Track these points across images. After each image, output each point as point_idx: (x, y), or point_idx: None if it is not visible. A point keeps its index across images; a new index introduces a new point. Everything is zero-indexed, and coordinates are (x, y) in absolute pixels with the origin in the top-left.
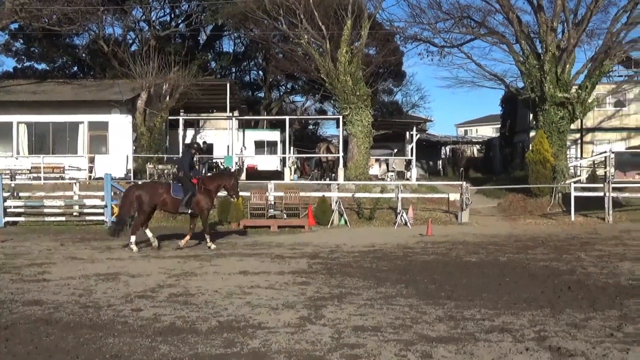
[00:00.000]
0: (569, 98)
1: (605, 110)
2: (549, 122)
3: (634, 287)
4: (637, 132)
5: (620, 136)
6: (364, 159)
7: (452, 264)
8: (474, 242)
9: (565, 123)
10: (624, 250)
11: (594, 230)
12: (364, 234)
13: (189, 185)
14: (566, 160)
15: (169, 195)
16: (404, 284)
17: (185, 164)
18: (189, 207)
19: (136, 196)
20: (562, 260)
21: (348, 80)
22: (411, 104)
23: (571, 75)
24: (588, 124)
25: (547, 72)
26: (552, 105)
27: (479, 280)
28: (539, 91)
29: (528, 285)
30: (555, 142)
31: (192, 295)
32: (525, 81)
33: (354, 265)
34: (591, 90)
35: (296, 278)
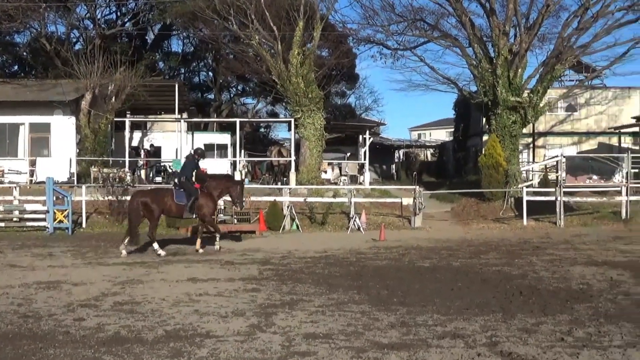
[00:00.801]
0: (521, 102)
1: (557, 114)
2: (501, 126)
3: (584, 291)
4: (587, 137)
5: (571, 140)
6: (316, 162)
7: (404, 269)
8: (427, 247)
9: (517, 127)
10: (575, 254)
11: (545, 235)
12: (316, 239)
13: (192, 190)
14: (518, 164)
15: (173, 202)
16: (356, 290)
17: (187, 170)
18: (193, 212)
19: (142, 203)
20: (514, 264)
21: (300, 82)
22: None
23: (523, 79)
24: (540, 128)
25: (500, 76)
26: (505, 110)
27: (432, 286)
28: (491, 95)
29: (480, 290)
30: (507, 146)
31: (137, 304)
32: (478, 85)
33: (305, 272)
34: (543, 95)
35: (246, 285)
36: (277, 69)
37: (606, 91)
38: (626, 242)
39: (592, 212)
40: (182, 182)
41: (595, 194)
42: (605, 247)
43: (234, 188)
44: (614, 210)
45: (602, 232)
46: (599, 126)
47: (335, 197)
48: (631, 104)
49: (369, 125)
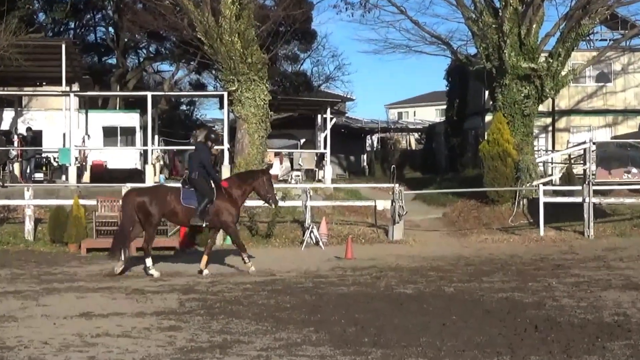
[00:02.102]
0: (537, 69)
1: (585, 86)
2: (510, 102)
3: (620, 324)
4: (625, 116)
5: (604, 121)
6: (258, 152)
7: (379, 298)
8: (410, 267)
9: (531, 103)
10: (608, 275)
11: (569, 249)
12: (259, 258)
13: (206, 190)
14: (533, 153)
15: (178, 203)
16: (314, 326)
17: (205, 161)
18: (204, 218)
19: (138, 204)
20: (527, 290)
21: (236, 41)
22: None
23: (539, 38)
24: (562, 105)
25: (508, 33)
26: (515, 79)
27: (417, 320)
28: (496, 60)
29: (482, 324)
30: (518, 130)
31: (9, 349)
32: (478, 46)
33: (244, 302)
34: (565, 59)
35: (162, 321)
36: (203, 23)
37: None
38: None
39: (631, 218)
40: (193, 180)
41: (636, 193)
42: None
43: (259, 180)
44: None
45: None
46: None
47: (285, 200)
48: None
49: (331, 101)
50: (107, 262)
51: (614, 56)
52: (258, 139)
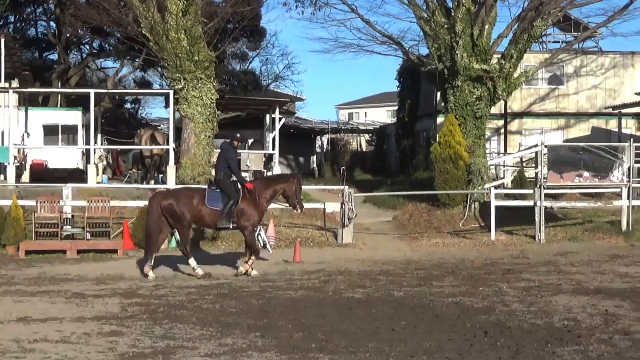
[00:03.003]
0: (489, 71)
1: (537, 88)
2: (462, 104)
3: (570, 329)
4: (577, 119)
5: (556, 124)
6: (204, 153)
7: (328, 303)
8: (359, 271)
9: (483, 105)
10: (559, 279)
11: (520, 253)
12: (205, 261)
13: (231, 191)
14: (485, 156)
15: (204, 206)
16: (260, 331)
17: (232, 161)
18: (231, 220)
19: (164, 207)
20: (477, 294)
21: (182, 38)
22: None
23: (491, 39)
24: (514, 107)
25: (460, 34)
26: (467, 81)
27: (365, 325)
28: (448, 61)
29: (431, 330)
30: (470, 132)
31: None
32: (430, 47)
33: (188, 307)
34: (518, 61)
35: (103, 326)
36: (149, 18)
37: (602, 57)
38: (627, 262)
39: (582, 222)
40: (220, 181)
41: (588, 197)
42: (600, 269)
43: (290, 185)
44: (611, 220)
45: (596, 249)
46: (592, 105)
47: None
48: (635, 74)
49: (280, 100)
50: (46, 265)
51: (567, 58)
52: (205, 139)
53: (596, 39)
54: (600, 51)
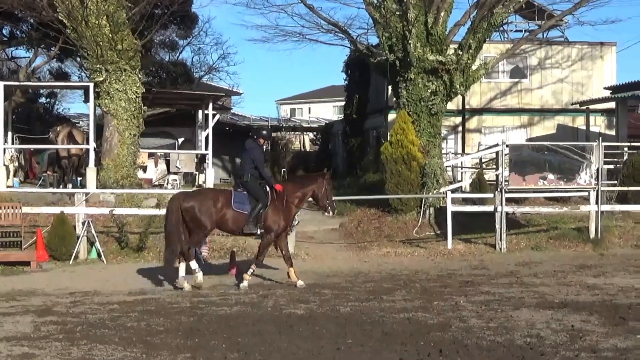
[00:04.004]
0: (445, 63)
1: (498, 82)
2: (415, 99)
3: (533, 347)
4: (542, 116)
5: (518, 121)
6: (129, 153)
7: (266, 320)
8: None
9: (439, 100)
10: (521, 292)
11: (479, 264)
12: (130, 274)
13: (260, 194)
14: (441, 157)
15: (229, 209)
16: (190, 352)
17: (258, 161)
18: (258, 225)
19: (186, 209)
20: (432, 309)
21: (104, 25)
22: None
23: (447, 28)
24: (473, 102)
25: (413, 22)
26: (421, 74)
27: (307, 344)
28: (400, 51)
29: (381, 348)
30: (425, 130)
31: None
32: (380, 36)
33: (110, 325)
34: (476, 52)
35: (12, 348)
36: (66, 2)
37: (569, 48)
38: (595, 272)
39: (547, 229)
40: (245, 182)
41: (553, 201)
42: (566, 280)
43: (320, 185)
44: (578, 226)
45: (562, 259)
46: (558, 101)
47: (161, 208)
48: (604, 67)
49: (214, 95)
50: None
51: (530, 49)
52: (129, 137)
53: (562, 28)
54: (566, 42)
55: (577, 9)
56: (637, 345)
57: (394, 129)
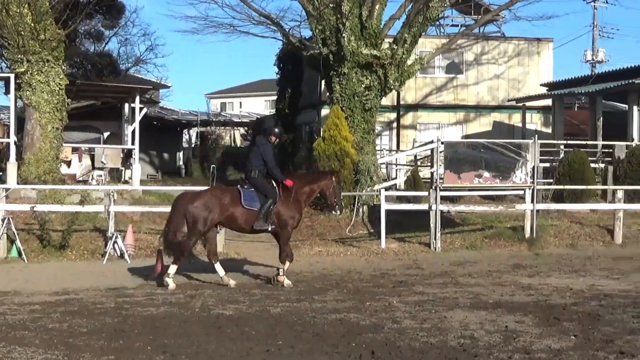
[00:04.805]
0: (379, 57)
1: (434, 78)
2: (349, 94)
3: (466, 348)
4: (478, 113)
5: (454, 118)
6: (52, 147)
7: (194, 321)
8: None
9: (373, 96)
10: (456, 292)
11: (413, 263)
12: (52, 273)
13: (268, 190)
14: (375, 153)
15: (238, 207)
16: (114, 354)
17: (268, 158)
18: (269, 222)
19: (191, 210)
20: (365, 310)
21: (25, 13)
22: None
23: (382, 22)
24: (408, 98)
25: (347, 15)
26: (355, 68)
27: (237, 346)
28: (334, 45)
29: (312, 350)
30: (358, 126)
31: None
32: (313, 28)
33: (30, 327)
34: (412, 47)
35: None
36: None
37: (505, 44)
38: (530, 272)
39: (482, 228)
40: (253, 179)
41: (488, 200)
42: (500, 280)
43: (328, 183)
44: (514, 225)
45: (497, 258)
46: (494, 97)
47: (84, 205)
48: (540, 64)
49: (141, 88)
50: None
51: (467, 45)
52: (52, 131)
53: (498, 23)
54: (503, 37)
55: (514, 4)
56: (571, 346)
57: (327, 125)
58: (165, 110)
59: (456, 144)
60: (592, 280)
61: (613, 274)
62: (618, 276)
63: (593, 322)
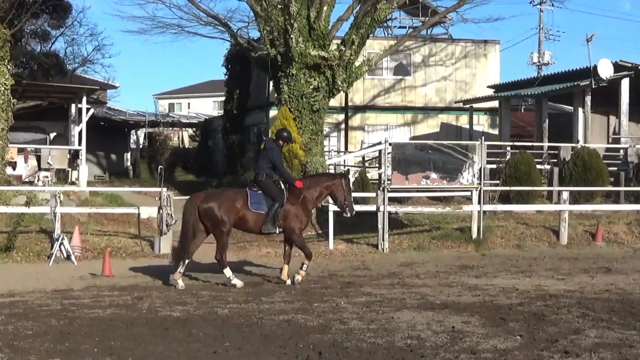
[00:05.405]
0: (327, 58)
1: (382, 79)
2: (297, 95)
3: (413, 349)
4: (426, 114)
5: (402, 119)
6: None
7: (141, 323)
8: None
9: (321, 97)
10: (403, 293)
11: (361, 264)
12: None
13: (276, 193)
14: (323, 154)
15: (247, 209)
16: (60, 357)
17: (277, 161)
18: (277, 224)
19: (203, 211)
20: (312, 311)
21: None
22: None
23: (330, 23)
24: (356, 100)
25: (295, 16)
26: (303, 69)
27: (184, 347)
28: (282, 46)
29: (259, 351)
30: (306, 127)
31: None
32: (261, 29)
33: None
34: (359, 48)
35: None
36: None
37: (453, 46)
38: (477, 273)
39: (429, 229)
40: (261, 182)
41: (436, 201)
42: (447, 281)
43: (338, 185)
44: (461, 226)
45: (444, 259)
46: (441, 99)
47: (30, 206)
48: (487, 66)
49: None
50: None
51: (414, 46)
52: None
53: (446, 25)
54: (450, 39)
55: (461, 6)
56: (516, 346)
57: (275, 126)
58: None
59: (404, 146)
60: (537, 280)
61: (558, 274)
62: (563, 276)
63: (538, 322)
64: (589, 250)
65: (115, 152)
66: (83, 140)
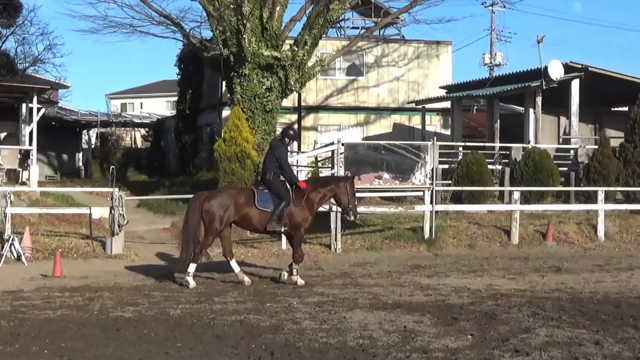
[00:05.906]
0: (280, 59)
1: (334, 79)
2: (250, 95)
3: (365, 348)
4: (378, 114)
5: (355, 119)
6: None
7: (92, 324)
8: (130, 287)
9: (274, 97)
10: (355, 293)
11: (314, 264)
12: None
13: (283, 192)
14: None
15: (252, 207)
16: (10, 359)
17: (283, 160)
18: (282, 223)
19: (206, 209)
20: (264, 311)
21: None
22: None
23: (283, 23)
24: (309, 100)
25: (248, 16)
26: (255, 69)
27: (135, 349)
28: (235, 46)
29: (211, 352)
30: (259, 127)
31: None
32: (214, 29)
33: None
34: (312, 48)
35: None
36: None
37: (405, 46)
38: (429, 273)
39: (382, 229)
40: (268, 181)
41: (388, 201)
42: (400, 281)
43: (342, 188)
44: (413, 226)
45: (396, 259)
46: (394, 99)
47: None
48: (440, 67)
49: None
50: None
51: (367, 47)
52: None
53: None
54: (403, 40)
55: (413, 7)
56: (468, 345)
57: (228, 126)
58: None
59: (357, 146)
60: (489, 280)
61: (509, 273)
62: (514, 276)
63: (489, 321)
64: (539, 250)
65: (67, 152)
66: (34, 140)
